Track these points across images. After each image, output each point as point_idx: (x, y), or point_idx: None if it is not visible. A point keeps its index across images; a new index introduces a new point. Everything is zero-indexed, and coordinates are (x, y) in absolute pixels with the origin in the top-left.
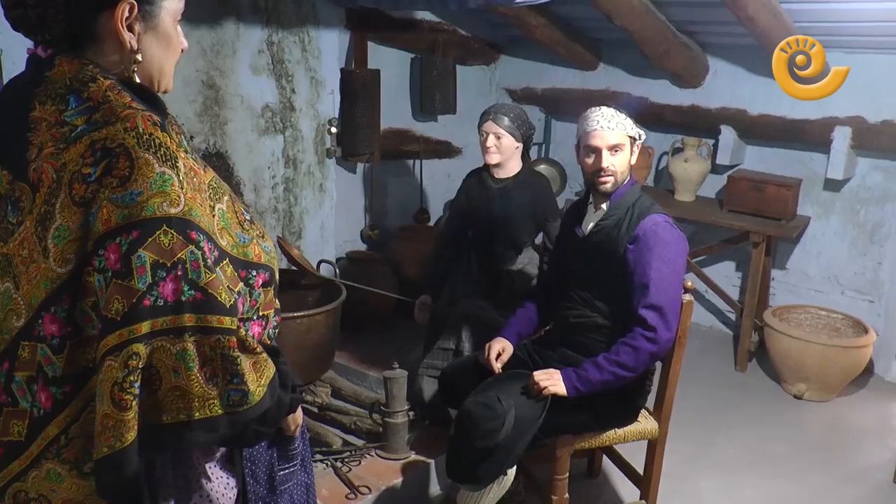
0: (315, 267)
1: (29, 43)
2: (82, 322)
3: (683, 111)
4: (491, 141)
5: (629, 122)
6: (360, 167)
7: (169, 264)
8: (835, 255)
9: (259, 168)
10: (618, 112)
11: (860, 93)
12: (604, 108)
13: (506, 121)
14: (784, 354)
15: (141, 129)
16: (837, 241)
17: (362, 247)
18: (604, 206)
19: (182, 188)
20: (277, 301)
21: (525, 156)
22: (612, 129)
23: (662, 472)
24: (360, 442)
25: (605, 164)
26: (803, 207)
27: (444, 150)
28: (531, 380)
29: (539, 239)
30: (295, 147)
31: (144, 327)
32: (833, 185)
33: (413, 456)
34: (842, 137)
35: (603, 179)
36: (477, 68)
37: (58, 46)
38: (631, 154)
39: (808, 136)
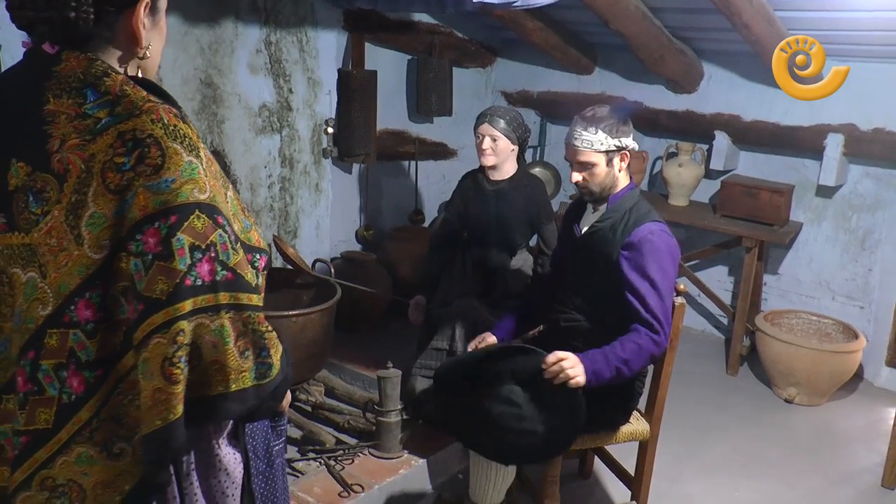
0: (310, 266)
1: (25, 36)
2: (112, 307)
3: (678, 116)
4: (486, 143)
5: (603, 136)
6: (355, 167)
7: (203, 246)
8: (826, 261)
9: (255, 167)
10: (596, 125)
11: (853, 100)
12: (584, 119)
13: (502, 123)
14: (775, 359)
15: (166, 121)
16: (829, 247)
17: (357, 247)
18: (601, 207)
19: (206, 176)
20: None
21: (520, 158)
22: (579, 147)
23: (653, 474)
24: (353, 441)
25: (574, 179)
26: (796, 213)
27: (440, 151)
28: (548, 361)
29: (533, 241)
30: (291, 146)
31: (187, 305)
32: (825, 192)
33: (406, 455)
34: (834, 144)
35: (581, 189)
36: (473, 71)
37: (67, 43)
38: (610, 166)
39: (801, 143)
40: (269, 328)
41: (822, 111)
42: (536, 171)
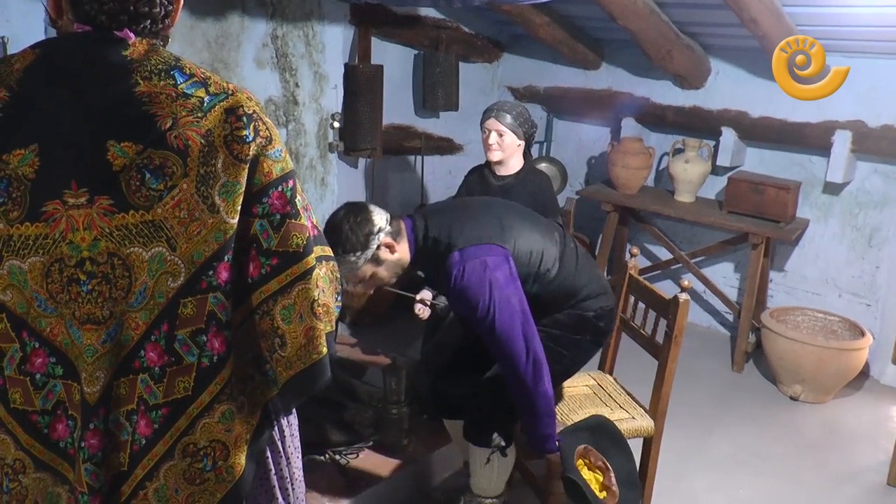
0: None
1: (31, 30)
2: (233, 267)
3: (685, 112)
4: (493, 138)
5: (352, 257)
6: (361, 162)
7: (305, 206)
8: (833, 258)
9: None
10: (343, 249)
11: (861, 97)
12: (336, 253)
13: (508, 118)
14: (780, 356)
15: (254, 99)
16: (836, 245)
17: None
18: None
19: None
20: None
21: (527, 154)
22: (349, 275)
23: (658, 470)
24: (358, 435)
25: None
26: (802, 210)
27: (446, 146)
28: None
29: None
30: (298, 141)
31: (314, 255)
32: (832, 189)
33: (411, 449)
34: (842, 141)
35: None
36: (480, 65)
37: (136, 32)
38: (380, 265)
39: (809, 140)
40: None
41: (829, 108)
42: (543, 166)
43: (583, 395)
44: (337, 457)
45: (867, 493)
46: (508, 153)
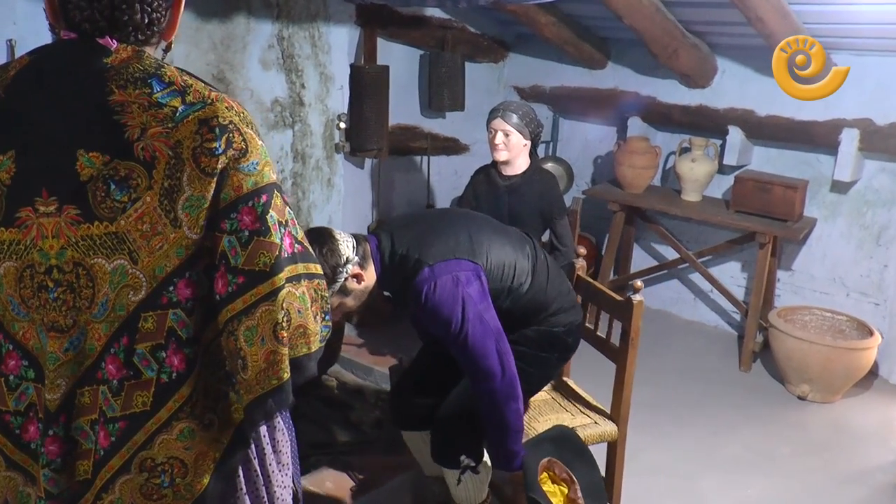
0: None
1: (38, 33)
2: (200, 283)
3: (691, 111)
4: (499, 138)
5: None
6: (367, 162)
7: (284, 221)
8: (840, 257)
9: None
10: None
11: (868, 95)
12: None
13: (514, 118)
14: (788, 355)
15: (237, 109)
16: (843, 243)
17: None
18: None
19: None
20: None
21: (533, 153)
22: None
23: (665, 470)
24: (364, 435)
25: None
26: (810, 209)
27: (452, 146)
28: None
29: (546, 236)
30: (304, 142)
31: (284, 275)
32: (840, 187)
33: None
34: (849, 139)
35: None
36: (485, 65)
37: (120, 39)
38: (348, 295)
39: (816, 138)
40: (328, 295)
41: (837, 106)
42: (549, 166)
43: (541, 402)
44: (343, 456)
45: (876, 493)
46: (515, 153)
